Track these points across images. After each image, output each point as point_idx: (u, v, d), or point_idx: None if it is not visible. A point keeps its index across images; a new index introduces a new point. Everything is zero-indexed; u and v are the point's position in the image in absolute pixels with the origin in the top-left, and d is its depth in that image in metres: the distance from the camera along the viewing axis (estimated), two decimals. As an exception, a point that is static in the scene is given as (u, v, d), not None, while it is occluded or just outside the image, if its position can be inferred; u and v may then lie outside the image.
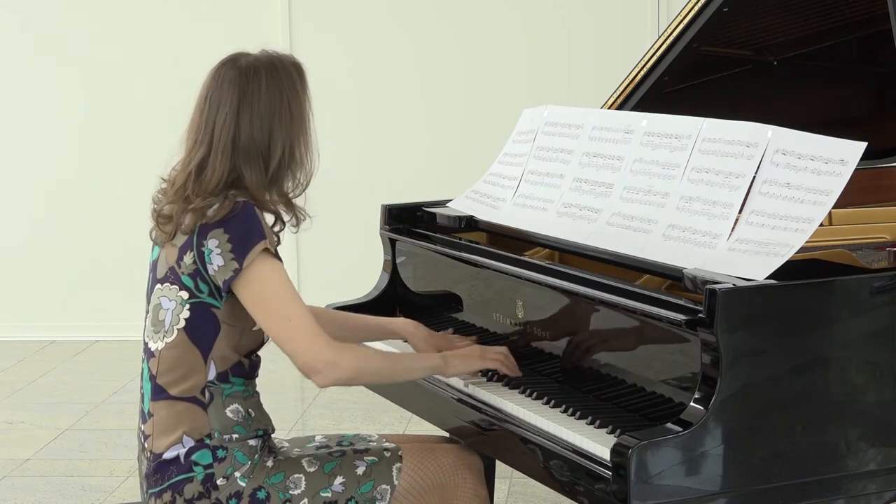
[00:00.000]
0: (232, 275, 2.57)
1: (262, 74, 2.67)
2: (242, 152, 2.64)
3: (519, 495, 4.30)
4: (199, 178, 2.64)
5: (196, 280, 2.62)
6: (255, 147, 2.65)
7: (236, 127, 2.65)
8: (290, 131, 2.67)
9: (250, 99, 2.65)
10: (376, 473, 2.71)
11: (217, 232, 2.59)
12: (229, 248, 2.58)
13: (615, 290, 2.62)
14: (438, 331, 3.10)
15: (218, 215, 2.59)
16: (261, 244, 2.58)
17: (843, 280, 2.49)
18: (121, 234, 6.63)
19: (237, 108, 2.65)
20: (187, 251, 2.62)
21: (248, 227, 2.58)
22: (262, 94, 2.66)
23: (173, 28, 6.54)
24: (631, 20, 6.38)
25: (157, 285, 2.69)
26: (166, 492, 2.63)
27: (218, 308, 2.63)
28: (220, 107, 2.66)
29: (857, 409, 2.47)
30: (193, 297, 2.62)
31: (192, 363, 2.64)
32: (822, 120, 3.04)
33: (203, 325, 2.63)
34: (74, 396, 5.64)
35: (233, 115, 2.65)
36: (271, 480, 2.64)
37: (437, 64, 6.50)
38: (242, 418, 2.66)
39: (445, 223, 3.31)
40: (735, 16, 3.47)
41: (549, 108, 3.23)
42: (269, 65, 2.69)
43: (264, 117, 2.65)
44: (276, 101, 2.66)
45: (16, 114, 6.66)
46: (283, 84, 2.68)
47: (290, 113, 2.68)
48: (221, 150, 2.64)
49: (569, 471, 2.48)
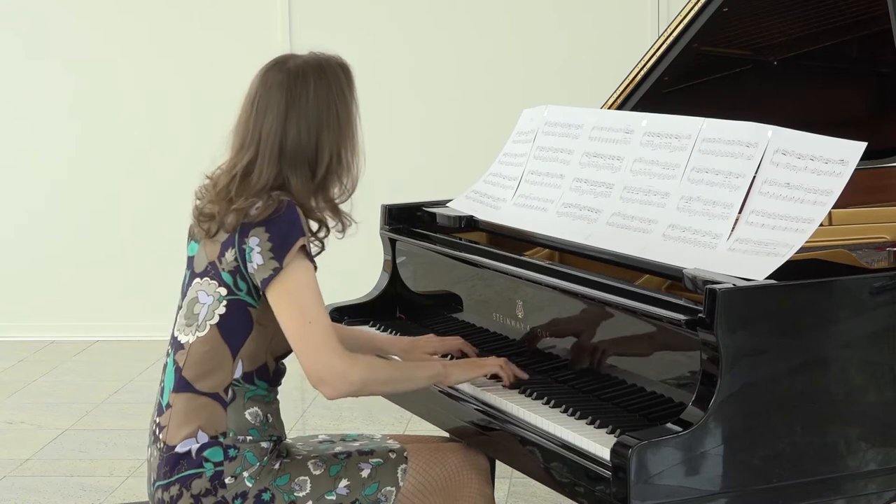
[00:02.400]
0: (271, 273, 2.57)
1: (309, 78, 2.66)
2: (289, 158, 2.64)
3: (519, 495, 4.30)
4: (244, 181, 2.63)
5: (235, 277, 2.62)
6: (301, 153, 2.64)
7: (283, 132, 2.63)
8: (337, 136, 2.67)
9: (298, 104, 2.64)
10: (381, 475, 2.71)
11: (258, 230, 2.58)
12: (269, 246, 2.57)
13: (615, 290, 2.62)
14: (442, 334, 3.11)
15: (261, 215, 2.59)
16: (299, 241, 2.58)
17: (843, 280, 2.48)
18: (121, 234, 6.64)
19: (285, 113, 2.64)
20: (229, 248, 2.62)
21: (290, 227, 2.58)
22: (310, 98, 2.65)
23: (173, 28, 6.54)
24: (631, 20, 6.38)
25: (196, 279, 2.69)
26: (174, 485, 2.63)
27: (254, 307, 2.63)
28: (267, 111, 2.65)
29: (857, 409, 2.47)
30: (231, 293, 2.63)
31: (220, 359, 2.64)
32: (822, 120, 3.04)
33: (237, 322, 2.64)
34: (74, 396, 5.64)
35: (280, 120, 2.64)
36: (277, 482, 2.64)
37: (437, 64, 6.50)
38: (260, 423, 2.67)
39: (445, 223, 3.31)
40: (735, 16, 3.47)
41: (549, 108, 3.23)
42: (317, 68, 2.68)
43: (312, 123, 2.65)
44: (324, 105, 2.65)
45: (16, 113, 6.66)
46: (331, 87, 2.67)
47: (338, 117, 2.67)
48: (269, 155, 2.63)
49: (568, 471, 2.48)
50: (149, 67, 6.55)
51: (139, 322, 6.59)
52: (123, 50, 6.57)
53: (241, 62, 6.48)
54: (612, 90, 3.55)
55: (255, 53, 6.42)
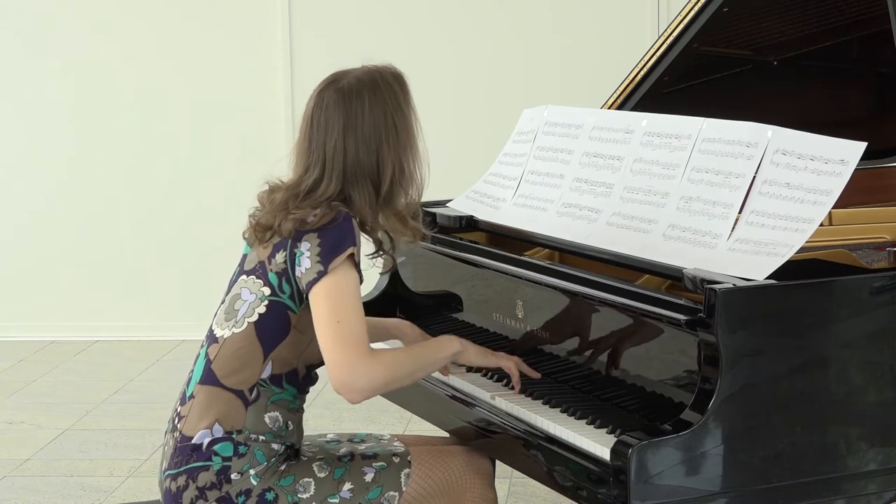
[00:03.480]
0: (315, 277, 2.57)
1: (364, 95, 2.67)
2: (351, 176, 2.65)
3: (519, 495, 4.30)
4: (308, 196, 2.64)
5: (281, 279, 2.63)
6: (362, 170, 2.65)
7: (344, 151, 2.64)
8: (398, 149, 2.67)
9: (354, 122, 2.65)
10: (384, 480, 2.72)
11: (311, 236, 2.59)
12: (318, 252, 2.58)
13: (615, 290, 2.62)
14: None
15: (318, 222, 2.60)
16: (349, 250, 2.58)
17: (843, 280, 2.49)
18: (121, 234, 6.63)
19: (343, 132, 2.65)
20: (280, 250, 2.63)
21: (342, 236, 2.59)
22: (366, 115, 2.65)
23: (173, 28, 6.54)
24: (631, 20, 6.38)
25: (243, 276, 2.71)
26: (181, 475, 2.64)
27: (294, 313, 2.64)
28: (327, 131, 2.65)
29: (857, 409, 2.47)
30: (274, 294, 2.64)
31: (250, 358, 2.65)
32: (822, 120, 3.04)
33: (274, 324, 2.64)
34: (74, 396, 5.64)
35: (341, 139, 2.65)
36: (281, 482, 2.65)
37: (437, 64, 6.50)
38: (278, 428, 2.67)
39: (445, 223, 3.31)
40: (735, 16, 3.47)
41: (549, 108, 3.23)
42: (371, 82, 2.69)
43: (370, 139, 2.65)
44: (381, 121, 2.66)
45: (16, 113, 6.65)
46: (387, 101, 2.68)
47: (396, 130, 2.67)
48: (336, 174, 2.64)
49: (568, 471, 2.48)
50: (149, 67, 6.55)
51: (139, 322, 6.60)
52: (123, 50, 6.57)
53: (241, 62, 6.53)
54: (612, 90, 3.55)
55: (255, 53, 6.51)
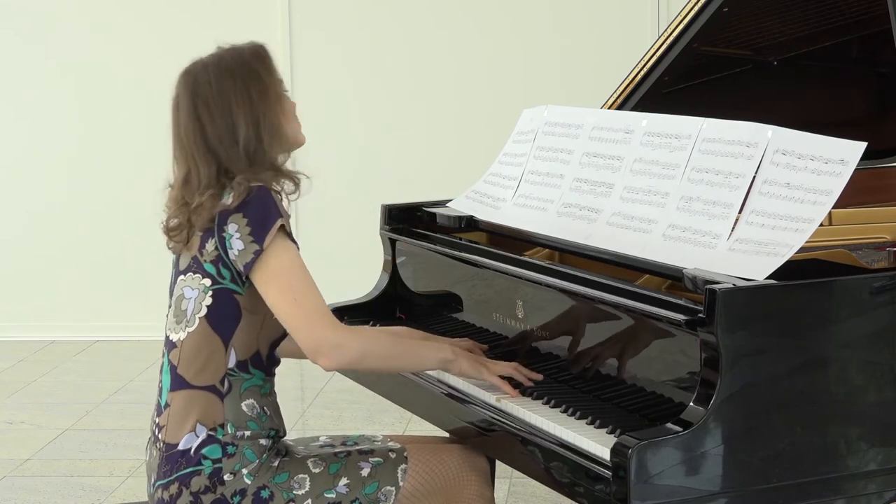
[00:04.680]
0: (252, 257, 2.58)
1: (209, 69, 2.68)
2: (216, 145, 2.65)
3: (519, 495, 4.30)
4: (187, 185, 2.66)
5: (218, 266, 2.63)
6: (220, 135, 2.65)
7: (199, 125, 2.66)
8: (252, 108, 2.65)
9: (203, 94, 2.66)
10: (381, 475, 2.71)
11: (236, 217, 2.60)
12: (248, 230, 2.59)
13: (615, 290, 2.62)
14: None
15: (235, 201, 2.60)
16: (278, 222, 2.59)
17: (843, 280, 2.48)
18: (121, 234, 6.64)
19: (193, 107, 2.66)
20: (209, 239, 2.63)
21: (266, 209, 2.60)
22: (213, 85, 2.66)
23: (173, 28, 6.54)
24: (631, 20, 6.38)
25: (180, 277, 2.70)
26: (173, 483, 2.63)
27: (240, 294, 2.64)
28: (179, 114, 2.68)
29: (857, 409, 2.47)
30: (216, 283, 2.64)
31: (212, 350, 2.64)
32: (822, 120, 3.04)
33: (225, 311, 2.64)
34: (74, 396, 5.64)
35: (193, 116, 2.66)
36: (276, 480, 2.64)
37: (437, 64, 6.50)
38: (257, 415, 2.67)
39: (445, 223, 3.31)
40: (735, 16, 3.47)
41: (548, 108, 3.23)
42: (217, 58, 2.70)
43: (220, 105, 2.65)
44: (229, 86, 2.66)
45: (16, 113, 6.65)
46: (234, 69, 2.67)
47: (248, 90, 2.66)
48: (196, 152, 2.66)
49: (569, 471, 2.48)
50: (149, 67, 6.54)
51: (139, 322, 6.59)
52: (123, 50, 6.57)
53: (241, 62, 6.53)
54: (612, 90, 3.55)
55: (255, 53, 6.50)
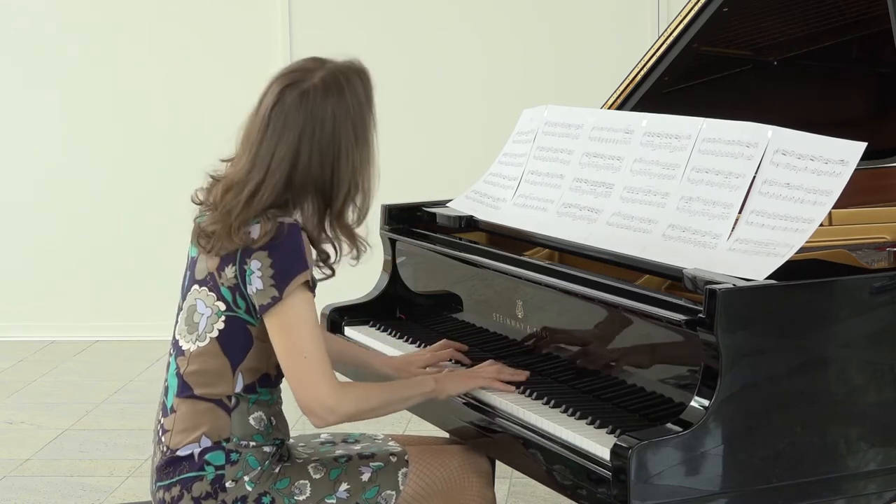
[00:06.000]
0: (269, 302, 2.54)
1: (328, 102, 2.56)
2: (299, 186, 2.57)
3: (519, 495, 4.30)
4: (249, 203, 2.55)
5: (235, 294, 2.59)
6: (312, 182, 2.57)
7: (296, 159, 2.56)
8: (355, 163, 2.58)
9: (312, 131, 2.55)
10: (381, 479, 2.70)
11: (261, 255, 2.53)
12: (270, 273, 2.53)
13: (615, 290, 2.62)
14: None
15: (262, 240, 2.53)
16: (302, 275, 2.54)
17: (843, 280, 2.49)
18: (121, 234, 6.63)
19: (298, 139, 2.55)
20: (229, 264, 2.58)
21: (293, 256, 2.53)
22: (326, 125, 2.56)
23: (173, 27, 6.54)
24: (631, 20, 6.38)
25: (195, 286, 2.66)
26: (175, 486, 2.63)
27: (253, 325, 2.61)
28: (282, 135, 2.56)
29: (857, 409, 2.47)
30: (230, 310, 2.60)
31: (220, 372, 2.62)
32: (822, 120, 3.04)
33: (236, 338, 2.61)
34: (74, 396, 5.64)
35: (294, 146, 2.55)
36: (277, 486, 2.64)
37: (437, 64, 6.50)
38: (264, 427, 2.65)
39: (445, 223, 3.31)
40: (735, 16, 3.47)
41: (549, 108, 3.23)
42: (337, 87, 2.57)
43: (327, 151, 2.56)
44: (342, 131, 2.56)
45: (14, 113, 6.65)
46: (349, 109, 2.57)
47: (356, 142, 2.58)
48: (276, 180, 2.55)
49: (568, 471, 2.48)
50: (148, 67, 6.55)
51: (139, 322, 6.59)
52: (122, 48, 6.56)
53: (241, 62, 6.52)
54: (612, 90, 3.55)
55: (255, 53, 6.50)
